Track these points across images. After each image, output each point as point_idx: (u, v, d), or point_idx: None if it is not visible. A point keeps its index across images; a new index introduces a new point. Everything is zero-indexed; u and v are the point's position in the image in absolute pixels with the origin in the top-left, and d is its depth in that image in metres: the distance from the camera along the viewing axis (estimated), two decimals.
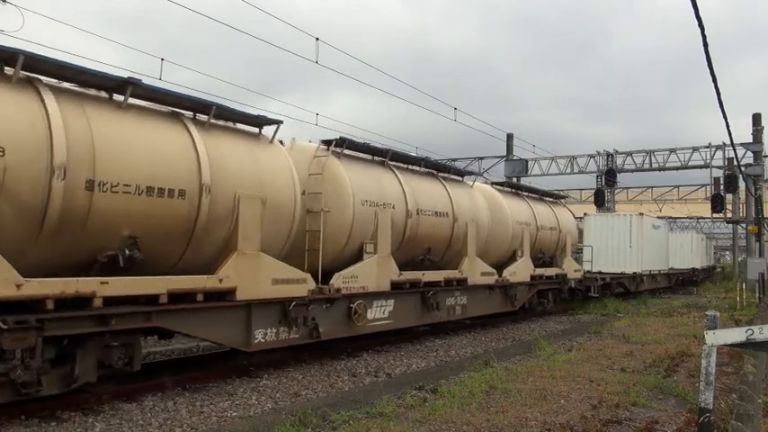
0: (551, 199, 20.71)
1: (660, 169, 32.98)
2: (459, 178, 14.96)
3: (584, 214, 28.95)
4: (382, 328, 11.50)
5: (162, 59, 16.31)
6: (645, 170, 33.57)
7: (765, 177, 30.99)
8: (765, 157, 30.95)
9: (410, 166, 13.06)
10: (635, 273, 26.18)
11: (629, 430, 6.41)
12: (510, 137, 36.13)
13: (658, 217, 40.49)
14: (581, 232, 27.31)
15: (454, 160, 36.86)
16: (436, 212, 12.79)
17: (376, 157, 12.22)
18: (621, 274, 25.53)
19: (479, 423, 6.39)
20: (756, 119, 31.10)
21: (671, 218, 53.36)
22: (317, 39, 16.17)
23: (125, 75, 7.55)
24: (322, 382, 8.87)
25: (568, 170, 34.84)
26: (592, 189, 35.62)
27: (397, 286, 11.56)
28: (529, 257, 16.96)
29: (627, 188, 43.61)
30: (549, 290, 18.54)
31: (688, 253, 39.88)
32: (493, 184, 17.49)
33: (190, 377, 8.52)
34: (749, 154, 30.66)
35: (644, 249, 26.66)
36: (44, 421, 6.54)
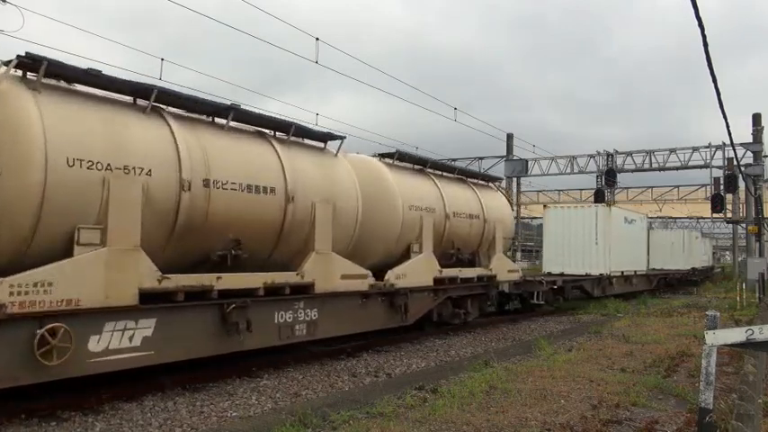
0: (477, 180, 16.16)
1: (660, 169, 32.97)
2: (321, 144, 10.88)
3: (544, 206, 26.07)
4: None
5: (162, 59, 16.34)
6: (645, 170, 33.56)
7: (765, 177, 30.99)
8: (765, 157, 30.95)
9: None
10: (601, 274, 22.47)
11: (630, 430, 6.41)
12: (510, 137, 36.12)
13: (658, 217, 40.01)
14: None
15: (454, 160, 36.90)
16: (248, 186, 8.81)
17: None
18: (585, 275, 21.98)
19: (479, 423, 6.39)
20: (756, 119, 31.10)
21: (671, 218, 53.39)
22: (317, 39, 16.19)
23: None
24: (322, 382, 8.87)
25: (568, 170, 34.84)
26: (592, 189, 35.62)
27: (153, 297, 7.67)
28: (431, 254, 12.61)
29: (627, 188, 43.64)
30: (468, 296, 14.43)
31: (680, 252, 37.38)
32: (380, 156, 12.83)
33: (190, 377, 8.53)
34: (749, 154, 30.66)
35: (613, 247, 22.94)
36: (44, 421, 6.54)
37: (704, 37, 7.48)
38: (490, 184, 16.95)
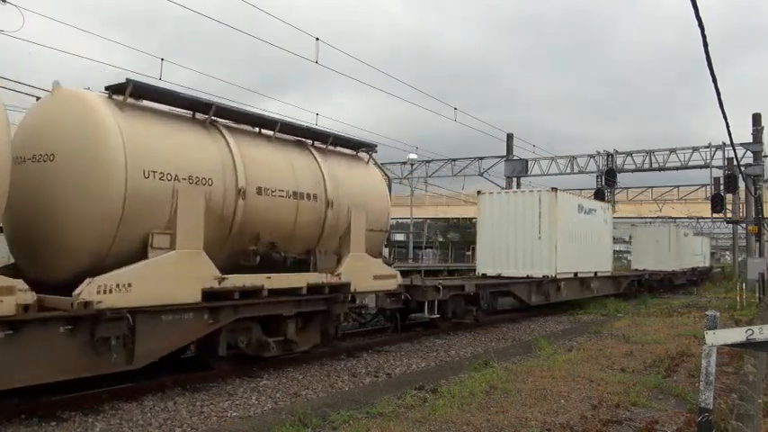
0: (327, 146, 10.82)
1: (660, 169, 32.97)
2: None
3: (478, 192, 20.89)
4: None
5: (162, 59, 16.36)
6: (645, 170, 33.56)
7: (765, 177, 31.00)
8: (765, 157, 30.96)
9: None
10: (545, 276, 18.06)
11: (630, 430, 6.41)
12: (510, 137, 36.14)
13: (658, 217, 39.66)
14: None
15: (454, 160, 36.90)
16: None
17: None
18: (527, 278, 17.85)
19: (479, 423, 6.39)
20: (756, 119, 31.11)
21: (671, 218, 53.38)
22: (317, 39, 16.20)
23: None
24: (322, 382, 8.87)
25: (568, 170, 34.85)
26: (592, 189, 35.61)
27: None
28: (200, 252, 7.99)
29: (627, 188, 43.62)
30: (292, 317, 9.57)
31: (665, 251, 33.46)
32: (109, 90, 7.78)
33: (190, 377, 8.53)
34: (749, 154, 30.66)
35: (562, 242, 18.47)
36: (44, 421, 6.54)
37: (704, 37, 7.48)
38: (359, 153, 11.74)
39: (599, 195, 33.78)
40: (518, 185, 37.33)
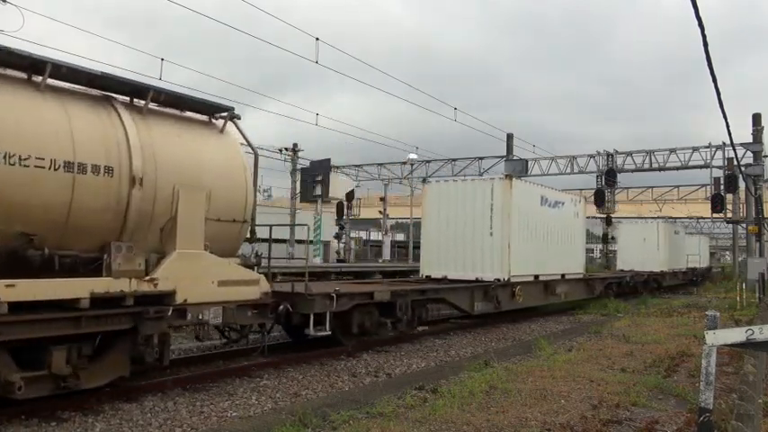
0: (159, 107, 8.37)
1: (660, 169, 32.96)
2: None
3: (423, 180, 19.22)
4: None
5: (162, 59, 16.34)
6: (645, 170, 33.54)
7: (765, 177, 30.99)
8: (765, 157, 30.95)
9: None
10: (497, 280, 15.29)
11: (630, 430, 6.41)
12: (510, 137, 36.12)
13: (658, 217, 39.30)
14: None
15: (454, 160, 36.89)
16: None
17: None
18: (475, 281, 15.28)
19: (479, 423, 6.39)
20: (756, 119, 31.09)
21: (671, 218, 53.39)
22: (317, 39, 16.20)
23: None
24: (322, 382, 8.87)
25: (568, 170, 34.82)
26: (592, 189, 35.61)
27: None
28: None
29: (627, 188, 43.63)
30: (57, 344, 6.70)
31: (653, 250, 30.93)
32: None
33: (190, 377, 8.53)
34: (749, 154, 30.66)
35: (518, 239, 15.73)
36: (44, 421, 6.55)
37: (704, 37, 7.48)
38: (215, 120, 9.14)
39: (599, 195, 33.81)
40: None
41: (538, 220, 17.25)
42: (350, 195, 36.80)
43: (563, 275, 18.89)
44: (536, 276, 17.19)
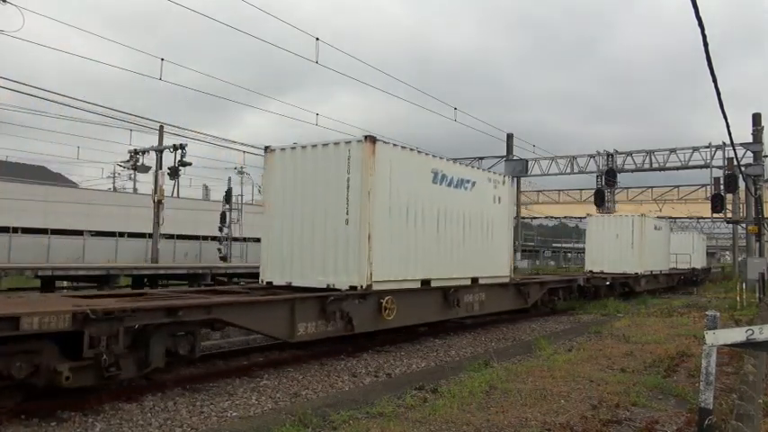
0: None
1: (660, 169, 32.99)
2: None
3: (265, 149, 12.21)
4: None
5: (162, 59, 16.32)
6: (645, 170, 33.58)
7: (765, 177, 31.00)
8: (765, 157, 30.97)
9: None
10: (353, 287, 10.76)
11: (630, 430, 6.41)
12: (510, 137, 36.16)
13: (659, 217, 39.10)
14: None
15: (454, 160, 36.88)
16: None
17: None
18: (327, 290, 10.76)
19: (479, 423, 6.39)
20: (756, 119, 31.12)
21: (671, 218, 53.41)
22: (317, 39, 16.20)
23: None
24: (322, 382, 8.87)
25: (568, 170, 34.87)
26: (592, 189, 35.64)
27: None
28: None
29: (627, 188, 43.73)
30: None
31: (627, 248, 26.40)
32: None
33: (190, 377, 8.53)
34: (749, 154, 30.67)
35: (385, 228, 11.17)
36: (44, 421, 6.55)
37: (704, 37, 7.48)
38: None
39: (599, 195, 33.84)
40: (518, 185, 37.35)
41: (428, 204, 12.39)
42: None
43: (475, 280, 14.15)
44: (426, 282, 12.38)
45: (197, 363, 9.06)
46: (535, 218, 60.45)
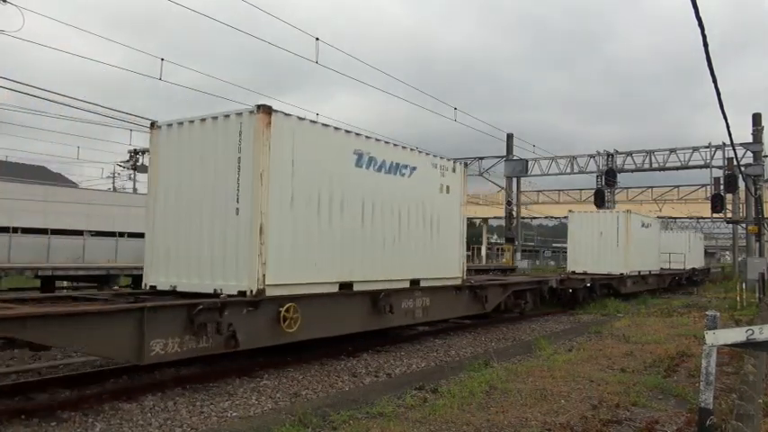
0: None
1: (660, 169, 33.01)
2: None
3: (151, 126, 10.15)
4: None
5: (162, 59, 16.32)
6: (645, 170, 33.60)
7: (765, 177, 31.02)
8: (765, 157, 30.99)
9: None
10: (243, 292, 8.74)
11: (630, 430, 6.41)
12: (510, 137, 36.17)
13: (658, 217, 38.84)
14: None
15: (454, 160, 36.90)
16: None
17: None
18: (213, 295, 8.90)
19: (479, 423, 6.39)
20: (756, 119, 31.14)
21: (671, 218, 53.39)
22: (317, 39, 16.20)
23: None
24: (322, 382, 8.87)
25: (568, 170, 34.89)
26: (592, 189, 35.65)
27: None
28: None
29: (627, 188, 43.74)
30: None
31: (612, 247, 24.47)
32: None
33: (190, 377, 8.53)
34: (749, 154, 30.69)
35: (290, 219, 9.45)
36: (44, 421, 6.55)
37: (704, 37, 7.48)
38: None
39: (599, 195, 33.85)
40: (518, 185, 37.37)
41: (349, 192, 10.55)
42: None
43: (415, 282, 12.22)
44: (346, 285, 10.46)
45: (197, 363, 9.01)
46: (535, 218, 60.47)
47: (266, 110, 8.94)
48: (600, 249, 24.67)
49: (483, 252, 60.47)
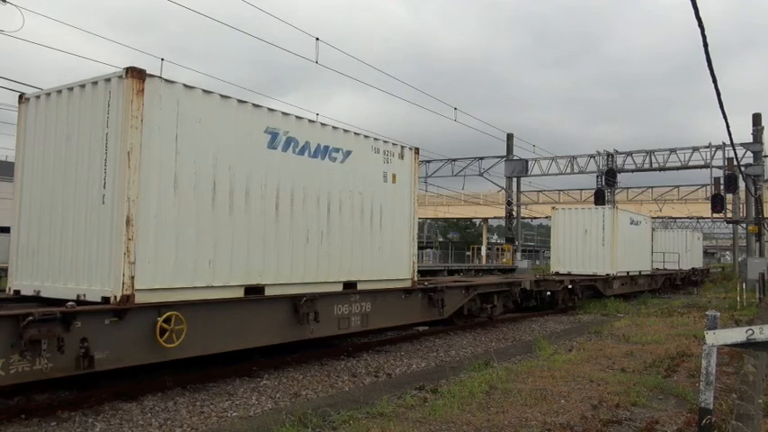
0: None
1: (660, 169, 32.99)
2: None
3: (20, 97, 8.62)
4: None
5: (162, 59, 16.32)
6: (645, 170, 33.58)
7: (765, 177, 31.03)
8: (765, 157, 31.00)
9: None
10: (104, 299, 7.21)
11: (630, 430, 6.40)
12: (510, 137, 36.17)
13: (658, 217, 38.63)
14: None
15: (454, 160, 36.93)
16: None
17: None
18: (81, 302, 7.28)
19: (479, 423, 6.39)
20: (756, 119, 31.15)
21: (671, 218, 53.41)
22: (317, 39, 16.20)
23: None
24: (322, 382, 8.87)
25: (568, 170, 34.87)
26: (592, 189, 35.64)
27: None
28: None
29: (627, 188, 43.74)
30: None
31: (596, 246, 23.04)
32: None
33: (190, 377, 8.53)
34: (749, 154, 30.69)
35: (166, 204, 7.74)
36: (44, 421, 6.55)
37: (704, 37, 7.48)
38: None
39: (599, 195, 33.85)
40: (518, 185, 37.38)
41: (258, 178, 8.94)
42: None
43: (350, 285, 10.61)
44: (254, 289, 8.81)
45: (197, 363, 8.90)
46: (535, 218, 60.49)
47: (138, 74, 7.34)
48: (584, 248, 23.23)
49: (483, 252, 60.55)
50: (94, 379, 7.62)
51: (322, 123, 10.40)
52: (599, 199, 33.70)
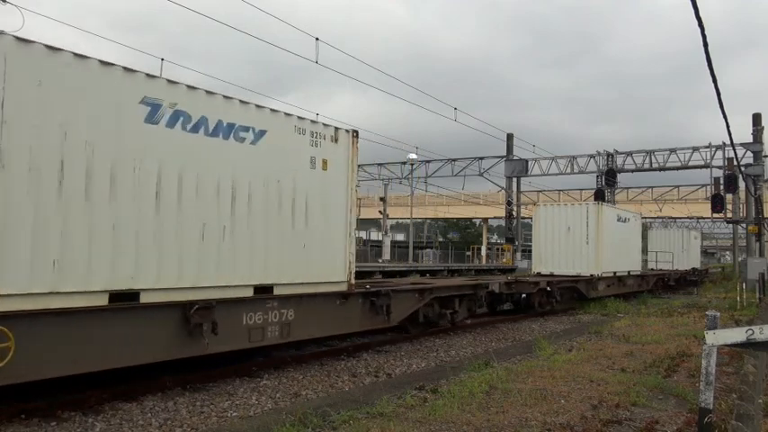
0: None
1: (660, 169, 33.01)
2: None
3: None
4: None
5: (162, 60, 16.31)
6: (645, 170, 33.61)
7: (765, 177, 31.04)
8: (765, 157, 31.01)
9: None
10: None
11: (630, 430, 6.40)
12: (510, 137, 36.19)
13: (658, 217, 38.59)
14: None
15: (454, 160, 36.95)
16: None
17: None
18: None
19: (479, 423, 6.39)
20: (756, 119, 31.16)
21: (671, 218, 53.41)
22: (317, 39, 16.20)
23: None
24: (322, 382, 8.87)
25: (568, 170, 34.90)
26: (592, 189, 35.66)
27: None
28: None
29: (627, 188, 43.76)
30: None
31: (580, 245, 21.65)
32: None
33: (190, 377, 8.53)
34: (749, 154, 30.70)
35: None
36: (44, 421, 6.55)
37: (704, 37, 7.48)
38: None
39: (599, 195, 33.86)
40: (518, 185, 37.38)
41: (132, 160, 7.24)
42: None
43: (266, 289, 8.93)
44: (124, 295, 7.16)
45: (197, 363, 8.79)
46: None
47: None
48: (567, 247, 21.69)
49: (483, 252, 60.53)
50: (95, 379, 7.62)
51: (226, 96, 8.43)
52: (599, 199, 33.71)
